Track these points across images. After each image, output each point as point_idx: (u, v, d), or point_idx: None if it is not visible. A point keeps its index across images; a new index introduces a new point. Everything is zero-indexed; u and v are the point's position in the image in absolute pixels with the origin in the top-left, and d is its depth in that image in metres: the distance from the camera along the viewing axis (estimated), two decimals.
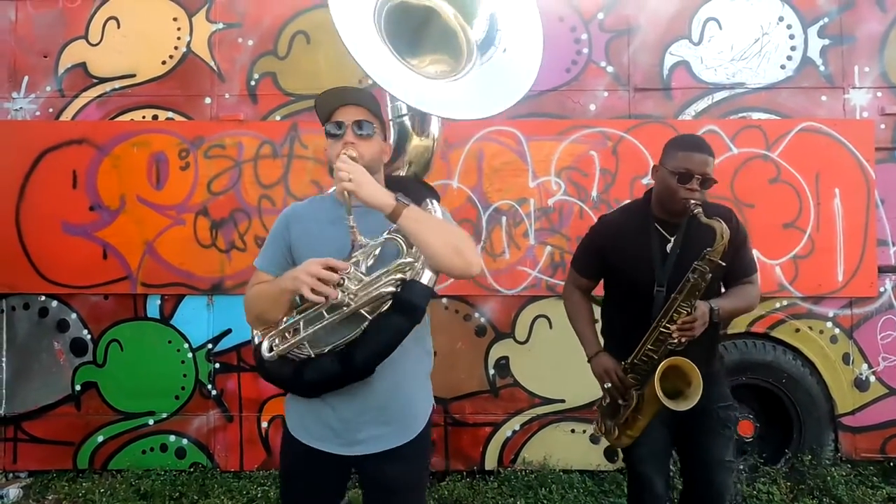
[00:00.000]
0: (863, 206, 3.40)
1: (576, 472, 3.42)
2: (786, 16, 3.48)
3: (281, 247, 1.73)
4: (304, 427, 1.72)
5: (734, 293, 2.12)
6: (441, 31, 2.15)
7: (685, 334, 1.93)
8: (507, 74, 2.14)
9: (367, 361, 1.58)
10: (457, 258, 1.56)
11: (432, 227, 1.58)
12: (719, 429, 2.12)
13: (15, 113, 3.54)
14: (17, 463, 3.52)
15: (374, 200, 1.54)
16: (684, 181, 1.97)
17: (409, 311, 1.58)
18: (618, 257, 2.15)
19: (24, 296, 3.51)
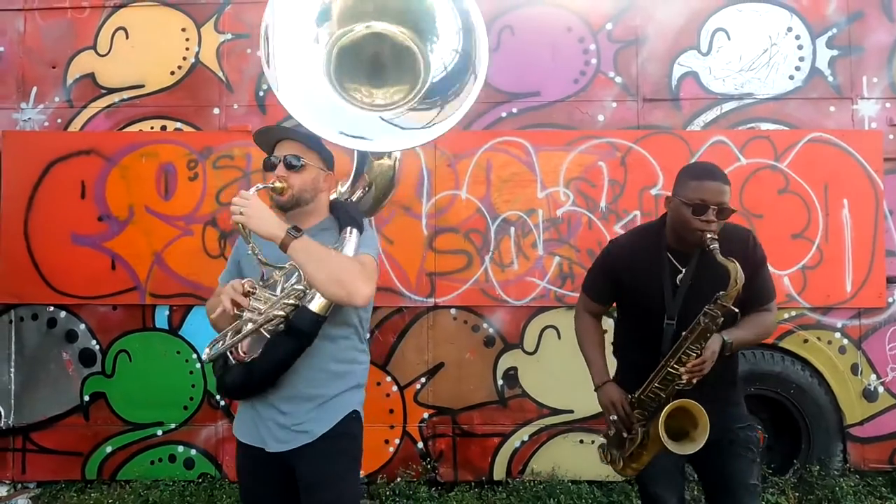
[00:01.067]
0: (871, 216, 3.41)
1: (584, 483, 3.42)
2: (794, 26, 3.48)
3: (234, 263, 1.99)
4: (241, 425, 1.93)
5: (749, 323, 1.98)
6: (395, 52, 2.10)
7: (695, 376, 1.88)
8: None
9: (265, 375, 1.78)
10: (337, 288, 1.68)
11: (316, 259, 1.69)
12: (741, 451, 2.03)
13: (24, 123, 3.54)
14: (26, 473, 3.53)
15: (262, 232, 1.68)
16: (699, 213, 1.87)
17: (298, 335, 1.75)
18: (629, 284, 2.08)
19: (32, 306, 3.51)
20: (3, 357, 3.51)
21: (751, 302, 1.99)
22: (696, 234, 1.88)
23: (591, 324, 2.25)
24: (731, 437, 2.03)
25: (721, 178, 1.92)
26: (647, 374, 1.98)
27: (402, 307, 3.47)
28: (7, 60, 3.55)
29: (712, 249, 1.84)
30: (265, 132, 1.90)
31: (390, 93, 2.11)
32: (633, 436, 2.01)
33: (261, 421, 1.86)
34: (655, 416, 1.93)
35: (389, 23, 2.09)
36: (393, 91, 2.12)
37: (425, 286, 3.45)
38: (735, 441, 2.03)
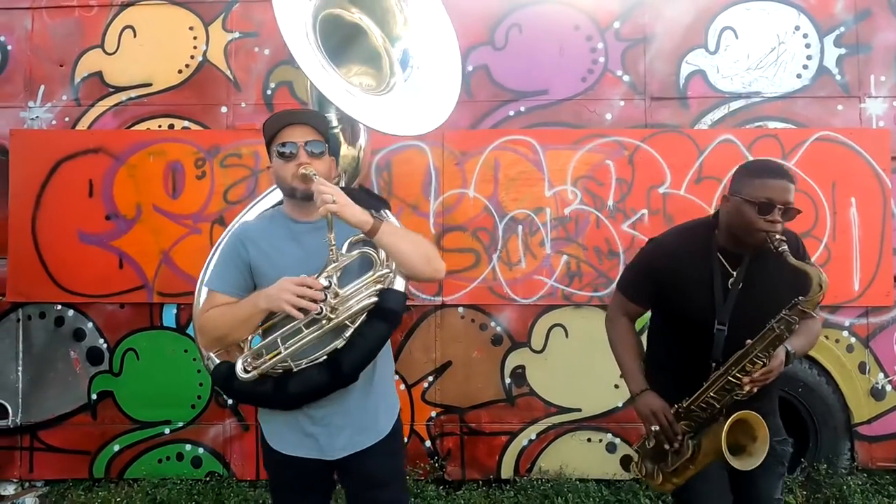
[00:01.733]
0: (879, 215, 3.40)
1: (592, 482, 3.42)
2: (802, 25, 3.48)
3: (239, 267, 1.74)
4: (283, 439, 1.78)
5: (803, 331, 1.82)
6: (368, 49, 2.20)
7: (757, 385, 1.74)
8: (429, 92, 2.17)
9: (355, 368, 1.68)
10: (428, 266, 1.70)
11: (406, 239, 1.70)
12: (774, 465, 1.91)
13: (31, 122, 3.54)
14: (34, 472, 3.52)
15: (355, 220, 1.61)
16: (765, 212, 1.73)
17: (390, 317, 1.71)
18: (675, 287, 1.92)
19: (40, 305, 3.51)
20: (10, 355, 3.51)
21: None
22: (760, 235, 1.75)
23: (627, 327, 2.08)
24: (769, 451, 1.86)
25: (787, 176, 1.79)
26: (689, 384, 1.84)
27: (409, 306, 3.46)
28: (15, 59, 3.55)
29: (782, 252, 1.70)
30: (284, 115, 1.76)
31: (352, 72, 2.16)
32: (680, 449, 1.85)
33: (317, 428, 1.73)
34: (709, 427, 1.82)
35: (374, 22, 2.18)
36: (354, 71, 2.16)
37: (432, 285, 3.45)
38: (772, 455, 1.87)
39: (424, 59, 2.19)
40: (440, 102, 2.13)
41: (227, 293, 1.73)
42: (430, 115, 2.10)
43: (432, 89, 2.15)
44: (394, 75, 2.16)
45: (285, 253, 1.72)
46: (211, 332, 1.70)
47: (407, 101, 2.12)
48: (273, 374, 1.67)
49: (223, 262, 1.79)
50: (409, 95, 2.13)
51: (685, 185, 3.42)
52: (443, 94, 2.15)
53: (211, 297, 1.75)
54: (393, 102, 2.11)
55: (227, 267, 1.77)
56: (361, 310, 1.67)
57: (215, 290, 1.75)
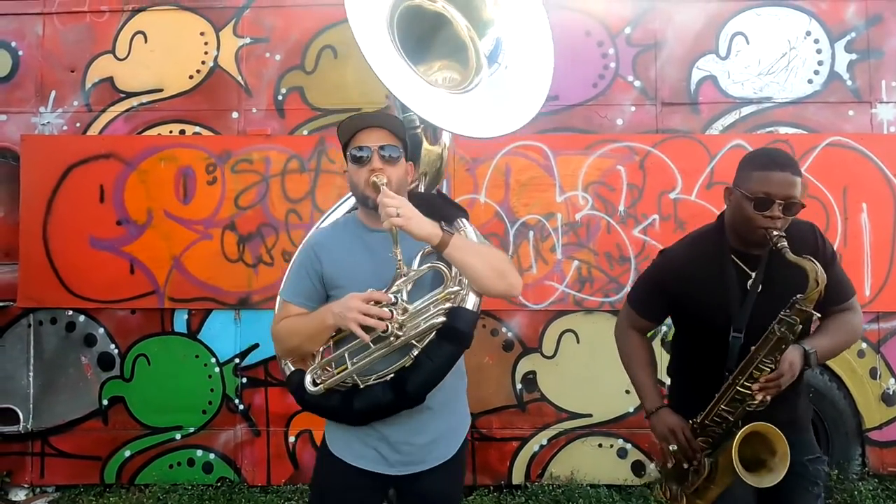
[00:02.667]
0: (890, 220, 3.41)
1: (603, 487, 3.42)
2: (813, 30, 3.48)
3: (312, 277, 1.72)
4: (348, 448, 1.73)
5: (832, 328, 1.74)
6: (452, 40, 2.08)
7: (769, 392, 1.63)
8: (515, 93, 2.04)
9: (419, 390, 1.60)
10: (501, 282, 1.61)
11: (477, 254, 1.60)
12: (807, 486, 1.79)
13: (42, 127, 3.54)
14: (45, 478, 3.52)
15: (422, 234, 1.54)
16: (762, 207, 1.64)
17: (459, 338, 1.60)
18: (688, 297, 1.83)
19: (51, 310, 3.51)
20: (22, 361, 3.50)
21: (827, 302, 1.73)
22: (759, 231, 1.66)
23: (638, 342, 2.00)
24: (800, 469, 1.77)
25: (790, 168, 1.67)
26: (705, 394, 1.75)
27: None
28: (26, 64, 3.55)
29: (781, 248, 1.61)
30: (358, 118, 1.70)
31: (434, 68, 2.04)
32: (698, 467, 1.77)
33: (384, 442, 1.69)
34: (725, 443, 1.71)
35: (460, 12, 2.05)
36: (437, 67, 2.05)
37: None
38: (803, 476, 1.79)
39: (514, 52, 2.05)
40: (526, 100, 2.00)
41: (300, 304, 1.71)
42: (513, 115, 1.97)
43: (518, 86, 2.02)
44: (480, 70, 2.03)
45: (358, 263, 1.68)
46: (283, 342, 1.70)
47: (490, 100, 1.98)
48: (341, 389, 1.65)
49: (296, 271, 1.77)
50: (493, 93, 1.99)
51: (696, 191, 3.42)
52: (529, 91, 2.02)
53: (285, 308, 1.74)
54: (475, 101, 1.97)
55: (300, 277, 1.75)
56: (429, 328, 1.59)
57: (288, 300, 1.74)
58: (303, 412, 3.37)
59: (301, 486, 3.45)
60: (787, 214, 1.65)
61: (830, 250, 1.79)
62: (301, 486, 3.45)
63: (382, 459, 1.70)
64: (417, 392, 1.60)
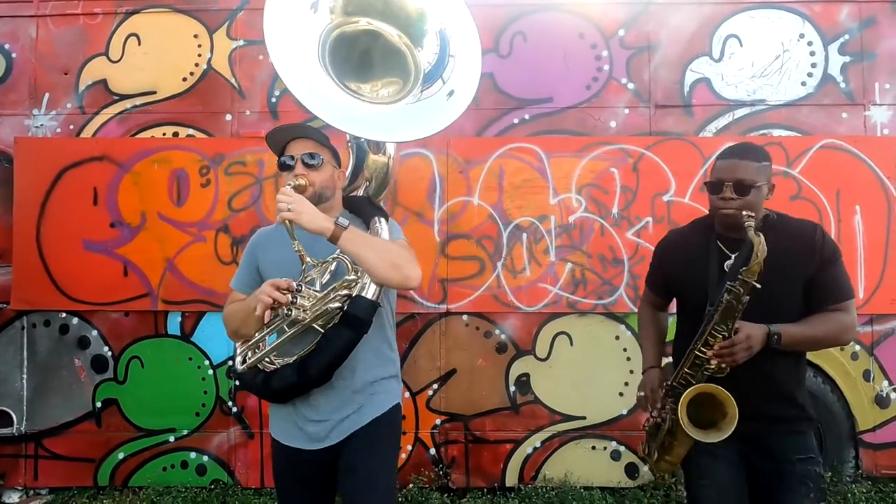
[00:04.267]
0: (884, 222, 3.41)
1: (596, 489, 3.42)
2: (806, 33, 3.49)
3: (250, 269, 1.96)
4: (281, 430, 1.93)
5: (813, 320, 1.83)
6: (388, 51, 2.20)
7: (725, 360, 1.75)
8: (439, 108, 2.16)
9: (322, 371, 1.78)
10: (394, 272, 1.73)
11: (370, 247, 1.74)
12: (795, 486, 1.84)
13: (36, 130, 3.54)
14: (38, 480, 3.52)
15: (313, 227, 1.70)
16: (715, 191, 1.85)
17: (356, 324, 1.78)
18: (675, 273, 2.06)
19: (44, 313, 3.51)
20: (15, 363, 3.51)
21: (820, 300, 1.84)
22: (720, 214, 1.85)
23: (649, 314, 2.24)
24: (788, 468, 1.85)
25: (738, 154, 1.85)
26: None
27: (414, 313, 3.47)
28: (19, 67, 3.55)
29: (746, 226, 1.74)
30: (281, 131, 1.91)
31: (378, 86, 2.18)
32: (663, 424, 1.95)
33: (303, 420, 1.87)
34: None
35: (388, 24, 2.17)
36: (381, 84, 2.18)
37: (437, 292, 3.45)
38: (791, 475, 1.85)
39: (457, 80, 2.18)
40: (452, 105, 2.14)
41: (241, 291, 1.95)
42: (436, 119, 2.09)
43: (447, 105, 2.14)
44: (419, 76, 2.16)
45: (287, 257, 1.82)
46: (227, 326, 1.93)
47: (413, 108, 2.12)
48: (266, 369, 1.82)
49: (241, 262, 2.01)
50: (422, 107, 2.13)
51: (689, 193, 3.42)
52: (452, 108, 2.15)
53: (231, 295, 1.99)
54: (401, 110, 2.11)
55: (242, 268, 2.00)
56: (326, 313, 1.76)
57: (233, 287, 1.99)
58: None
59: None
60: (740, 195, 1.81)
61: (830, 250, 1.85)
62: None
63: (306, 436, 1.87)
64: (319, 374, 1.78)
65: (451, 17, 2.24)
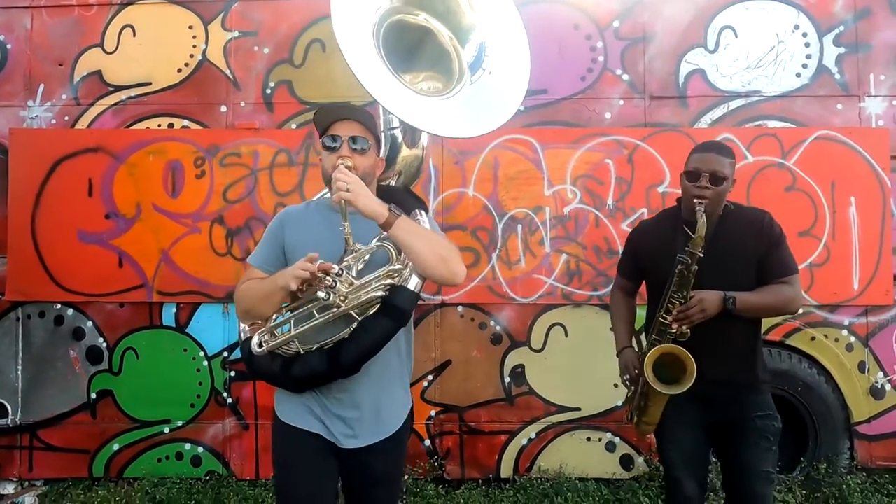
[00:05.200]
0: (878, 214, 3.40)
1: (591, 481, 3.41)
2: (801, 24, 3.48)
3: (275, 246, 1.83)
4: (297, 415, 1.80)
5: (764, 290, 2.09)
6: (436, 51, 2.22)
7: (683, 323, 2.00)
8: (494, 96, 2.19)
9: (354, 360, 1.68)
10: (442, 266, 1.67)
11: (421, 237, 1.68)
12: (756, 439, 2.10)
13: (31, 121, 3.54)
14: (33, 471, 3.53)
15: (368, 210, 1.63)
16: (692, 179, 2.06)
17: (396, 315, 1.68)
18: (647, 257, 2.26)
19: (39, 304, 3.52)
20: (10, 355, 3.51)
21: (768, 275, 2.10)
22: (691, 201, 2.03)
23: (621, 299, 2.43)
24: (750, 424, 2.11)
25: (715, 149, 2.09)
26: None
27: None
28: (14, 58, 3.55)
29: (697, 210, 1.99)
30: (330, 110, 1.81)
31: (419, 78, 2.15)
32: (637, 386, 2.17)
33: (326, 414, 1.77)
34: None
35: (443, 24, 2.20)
36: (422, 78, 2.15)
37: (432, 283, 3.44)
38: (752, 429, 2.10)
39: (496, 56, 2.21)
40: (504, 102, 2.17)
41: (262, 268, 1.81)
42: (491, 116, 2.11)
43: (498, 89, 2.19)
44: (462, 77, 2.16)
45: (317, 239, 1.74)
46: (242, 302, 1.78)
47: (469, 104, 2.12)
48: (284, 355, 1.72)
49: (264, 240, 1.88)
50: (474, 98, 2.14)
51: None
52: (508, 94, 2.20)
53: (248, 271, 1.85)
54: (455, 105, 2.11)
55: (265, 245, 1.86)
56: (367, 301, 1.66)
57: (252, 264, 1.85)
58: None
59: None
60: (714, 185, 2.03)
61: (777, 233, 2.12)
62: None
63: (325, 429, 1.77)
64: (351, 363, 1.68)
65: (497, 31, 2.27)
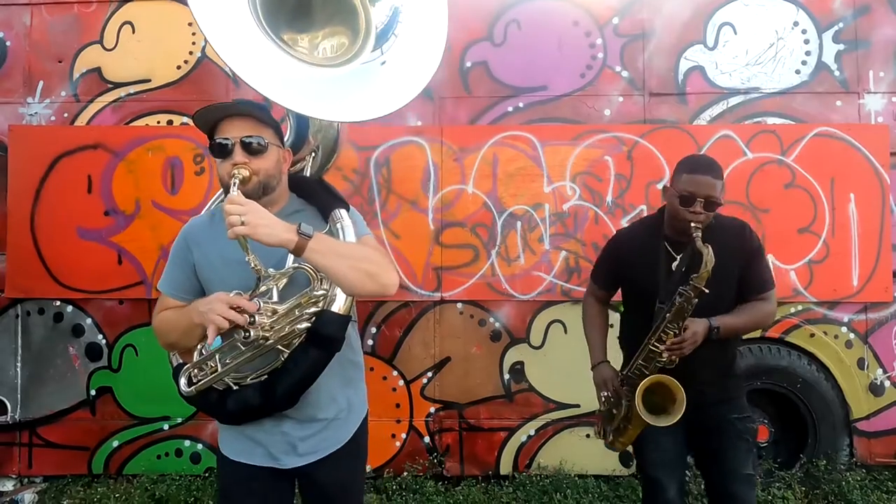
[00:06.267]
0: (878, 210, 3.41)
1: (591, 477, 3.42)
2: (801, 20, 3.49)
3: (185, 269, 1.66)
4: (239, 448, 1.67)
5: (742, 310, 2.09)
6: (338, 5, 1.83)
7: (674, 353, 1.99)
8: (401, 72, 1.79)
9: (288, 394, 1.55)
10: (369, 283, 1.50)
11: (339, 256, 1.48)
12: (736, 440, 2.12)
13: (30, 118, 3.54)
14: (33, 468, 3.52)
15: (273, 241, 1.41)
16: (687, 204, 2.00)
17: (325, 344, 1.54)
18: (627, 270, 2.23)
19: (38, 301, 3.51)
20: (9, 351, 3.50)
21: (748, 290, 2.11)
22: (684, 224, 2.00)
23: (595, 308, 2.39)
24: (727, 426, 2.12)
25: (712, 173, 2.01)
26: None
27: (408, 301, 3.47)
28: (13, 55, 3.55)
29: (694, 237, 1.97)
30: (211, 110, 1.56)
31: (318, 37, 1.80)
32: (619, 411, 2.14)
33: (268, 437, 1.64)
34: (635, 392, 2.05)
35: None
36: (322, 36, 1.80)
37: (432, 280, 3.45)
38: (732, 430, 2.12)
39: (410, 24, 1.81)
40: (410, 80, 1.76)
41: (174, 296, 1.65)
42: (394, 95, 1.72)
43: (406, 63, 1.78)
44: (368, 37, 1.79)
45: (228, 257, 1.57)
46: (162, 337, 1.64)
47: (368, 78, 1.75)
48: (219, 388, 1.57)
49: (171, 262, 1.69)
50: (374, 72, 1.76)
51: None
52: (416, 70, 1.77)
53: (161, 300, 1.68)
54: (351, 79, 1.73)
55: (174, 268, 1.68)
56: (293, 334, 1.52)
57: (164, 292, 1.67)
58: None
59: None
60: (707, 210, 1.99)
61: (757, 246, 2.12)
62: None
63: (268, 454, 1.65)
64: (286, 396, 1.55)
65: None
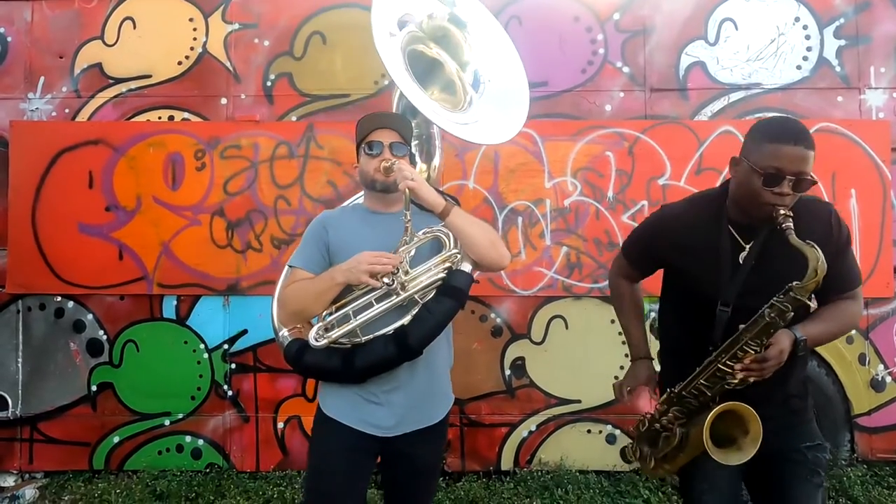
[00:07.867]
0: (879, 206, 3.40)
1: (592, 473, 3.42)
2: (802, 16, 3.48)
3: (320, 247, 1.86)
4: (344, 410, 1.83)
5: (827, 314, 1.65)
6: (445, 80, 2.41)
7: (752, 375, 1.57)
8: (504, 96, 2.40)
9: (421, 342, 1.74)
10: (494, 251, 1.80)
11: (475, 223, 1.81)
12: (807, 475, 1.71)
13: (31, 113, 3.54)
14: (33, 463, 3.52)
15: (429, 198, 1.75)
16: (772, 183, 1.53)
17: (457, 295, 1.78)
18: (680, 259, 1.77)
19: (39, 296, 3.51)
20: (10, 347, 3.51)
21: (831, 290, 1.64)
22: (766, 208, 1.55)
23: (627, 290, 2.02)
24: (798, 457, 1.72)
25: (804, 142, 1.53)
26: (688, 364, 1.70)
27: None
28: (15, 50, 3.55)
29: (785, 229, 1.52)
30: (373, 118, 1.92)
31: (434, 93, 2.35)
32: (670, 435, 1.74)
33: (371, 404, 1.80)
34: (699, 416, 1.67)
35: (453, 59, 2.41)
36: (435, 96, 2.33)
37: None
38: (802, 463, 1.71)
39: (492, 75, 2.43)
40: (514, 109, 2.37)
41: (307, 269, 1.84)
42: (508, 122, 2.31)
43: (504, 98, 2.38)
44: (467, 94, 2.38)
45: (361, 237, 1.81)
46: (290, 305, 1.80)
47: (485, 112, 2.31)
48: (341, 348, 1.75)
49: (305, 242, 1.90)
50: (487, 107, 2.33)
51: (685, 177, 3.42)
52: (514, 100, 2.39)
53: (292, 274, 1.87)
54: (473, 115, 2.29)
55: (308, 246, 1.88)
56: (430, 284, 1.76)
57: (296, 266, 1.86)
58: (292, 398, 3.46)
59: (290, 472, 3.45)
60: (796, 191, 1.55)
61: (846, 237, 1.68)
62: (290, 472, 3.45)
63: (373, 419, 1.81)
64: (419, 343, 1.73)
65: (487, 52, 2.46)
